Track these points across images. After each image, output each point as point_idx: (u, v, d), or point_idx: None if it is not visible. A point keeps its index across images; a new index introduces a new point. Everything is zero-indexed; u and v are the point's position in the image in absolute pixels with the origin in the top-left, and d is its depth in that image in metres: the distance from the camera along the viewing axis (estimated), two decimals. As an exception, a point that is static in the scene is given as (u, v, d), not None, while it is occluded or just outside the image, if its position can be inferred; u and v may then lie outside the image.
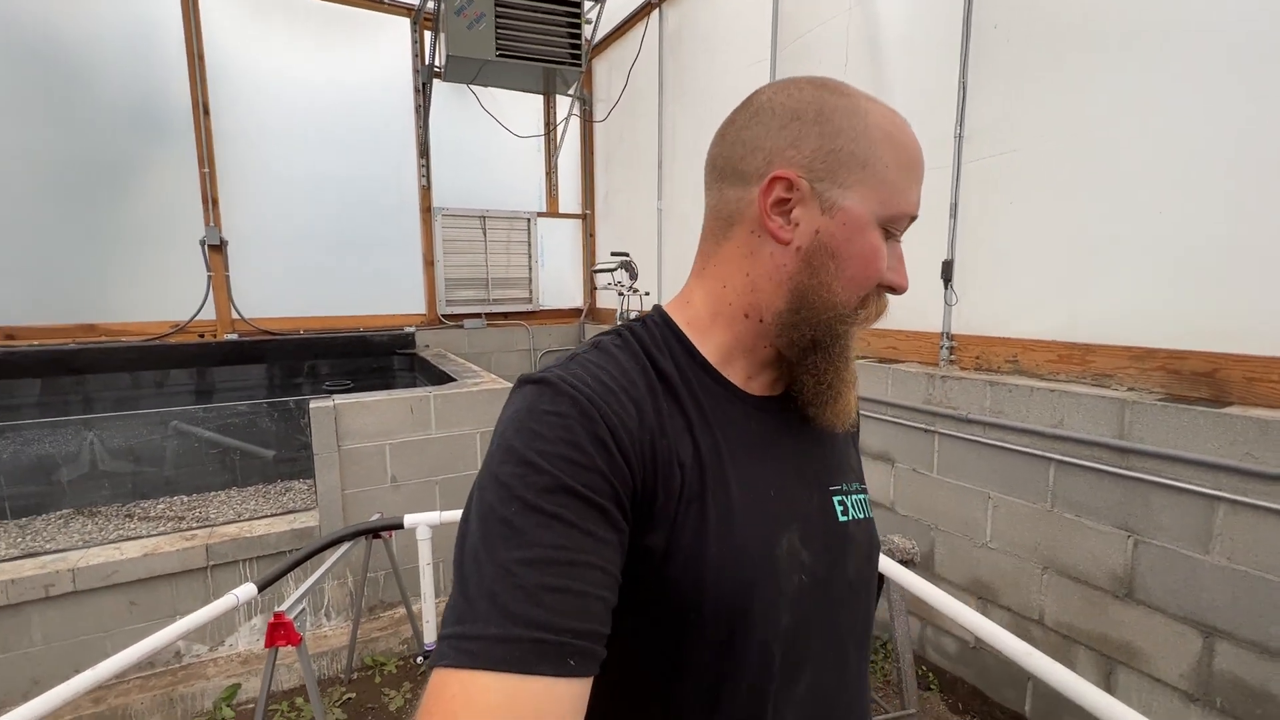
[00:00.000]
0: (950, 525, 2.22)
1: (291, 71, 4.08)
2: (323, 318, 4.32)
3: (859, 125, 0.53)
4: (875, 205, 0.54)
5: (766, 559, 0.54)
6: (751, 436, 0.58)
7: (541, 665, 0.40)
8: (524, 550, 0.43)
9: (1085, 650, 1.85)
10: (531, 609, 0.41)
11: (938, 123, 2.25)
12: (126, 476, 3.43)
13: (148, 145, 3.76)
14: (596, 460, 0.47)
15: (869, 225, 0.54)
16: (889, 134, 0.54)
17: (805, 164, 0.54)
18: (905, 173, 0.55)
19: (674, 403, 0.55)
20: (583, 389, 0.49)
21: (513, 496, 0.45)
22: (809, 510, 0.59)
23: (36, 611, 2.12)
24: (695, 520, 0.51)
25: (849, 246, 0.54)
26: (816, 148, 0.54)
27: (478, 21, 3.61)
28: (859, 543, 0.62)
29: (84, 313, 3.71)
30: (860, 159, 0.53)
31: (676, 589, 0.51)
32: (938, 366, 2.29)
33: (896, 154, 0.54)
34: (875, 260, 0.55)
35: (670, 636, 0.52)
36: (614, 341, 0.57)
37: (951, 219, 2.23)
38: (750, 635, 0.53)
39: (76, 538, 2.99)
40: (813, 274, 0.55)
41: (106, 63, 3.63)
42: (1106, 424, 1.75)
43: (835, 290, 0.55)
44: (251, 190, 4.04)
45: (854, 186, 0.53)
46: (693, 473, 0.52)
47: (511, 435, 0.48)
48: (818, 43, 2.77)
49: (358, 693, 2.36)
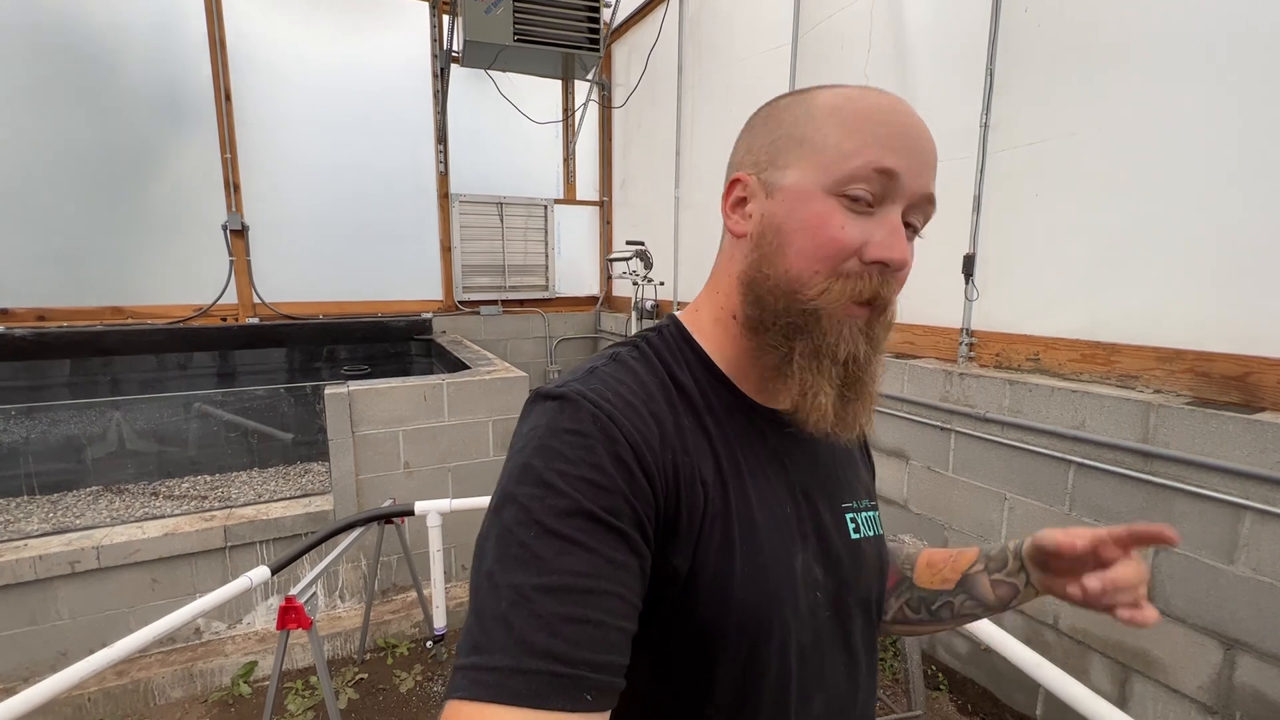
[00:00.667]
0: (965, 525, 2.18)
1: (311, 57, 4.10)
2: (341, 303, 4.38)
3: (800, 111, 0.53)
4: (817, 174, 0.51)
5: (787, 576, 0.53)
6: (767, 451, 0.57)
7: (557, 699, 0.39)
8: (542, 577, 0.42)
9: (1100, 658, 1.81)
10: (548, 639, 0.40)
11: (962, 111, 2.17)
12: (152, 456, 3.53)
13: (171, 131, 3.82)
14: (618, 482, 0.46)
15: (812, 195, 0.51)
16: (834, 107, 0.51)
17: (752, 162, 0.56)
18: (853, 133, 0.50)
19: (694, 417, 0.54)
20: (604, 406, 0.48)
21: (531, 520, 0.43)
22: (823, 528, 0.58)
23: (63, 587, 2.19)
24: (720, 538, 0.51)
25: (791, 220, 0.52)
26: (763, 144, 0.55)
27: (495, 6, 3.57)
28: (870, 560, 0.62)
29: (111, 295, 3.80)
30: (798, 138, 0.52)
31: (704, 609, 0.50)
32: (956, 363, 2.23)
33: (840, 120, 0.51)
34: (823, 226, 0.50)
35: (697, 656, 0.51)
36: (631, 353, 0.56)
37: (974, 212, 2.16)
38: (772, 652, 0.52)
39: (105, 514, 3.09)
40: (762, 254, 0.54)
41: (130, 50, 3.68)
42: (1130, 427, 1.69)
43: (786, 264, 0.52)
44: (272, 175, 4.08)
45: (792, 165, 0.52)
46: (715, 489, 0.52)
47: (530, 454, 0.47)
48: (840, 27, 2.70)
49: (370, 673, 2.41)
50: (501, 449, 2.86)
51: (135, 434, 3.52)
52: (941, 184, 2.06)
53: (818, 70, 2.84)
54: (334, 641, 2.50)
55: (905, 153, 0.50)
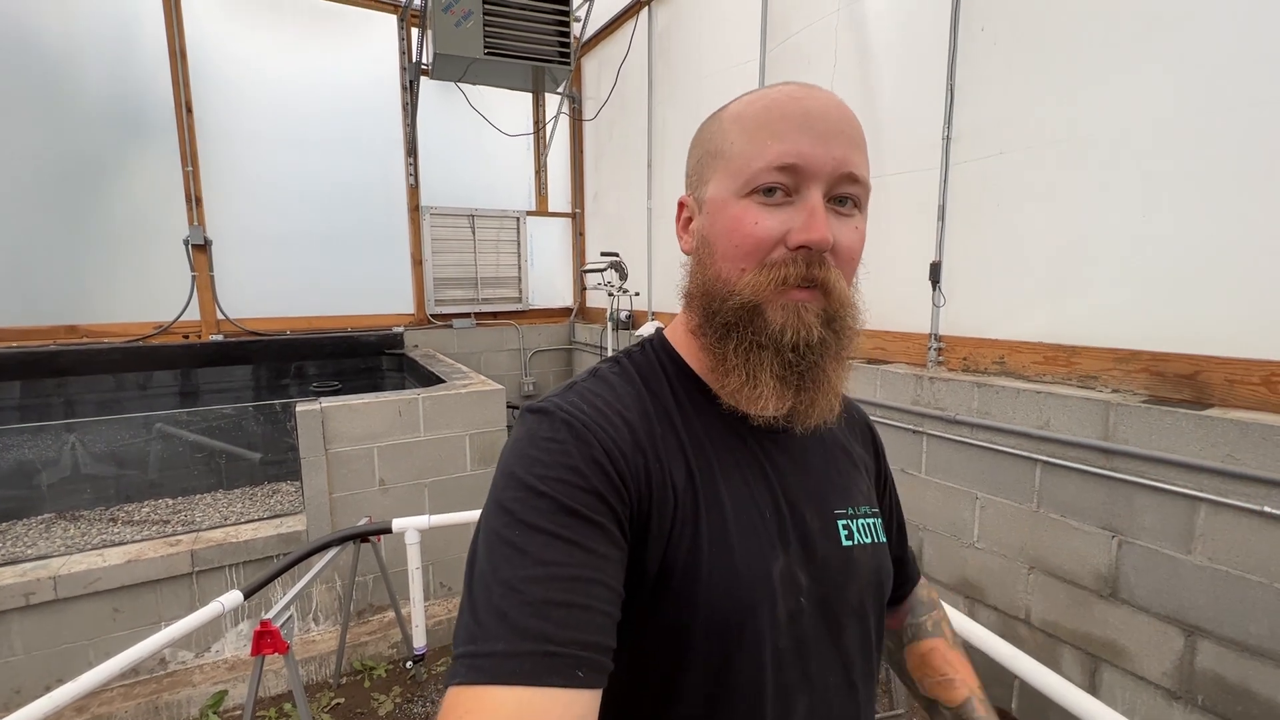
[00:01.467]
0: (939, 525, 2.23)
1: (277, 68, 4.03)
2: (310, 318, 4.28)
3: (715, 126, 0.58)
4: (729, 180, 0.55)
5: (762, 581, 0.53)
6: (745, 456, 0.58)
7: (551, 677, 0.41)
8: (529, 569, 0.44)
9: (1070, 649, 1.87)
10: (539, 623, 0.42)
11: (926, 125, 2.25)
12: (110, 480, 3.38)
13: (129, 144, 3.70)
14: (593, 481, 0.48)
15: (727, 201, 0.55)
16: (737, 115, 0.55)
17: (689, 182, 0.61)
18: (756, 132, 0.53)
19: (667, 424, 0.56)
20: (577, 415, 0.52)
21: (516, 520, 0.46)
22: (810, 533, 0.58)
23: (16, 620, 2.09)
24: (689, 541, 0.52)
25: (714, 228, 0.56)
26: (693, 165, 0.61)
27: (465, 19, 3.58)
28: (864, 567, 0.60)
29: (65, 314, 3.65)
30: (714, 152, 0.57)
31: (672, 610, 0.52)
32: (926, 368, 2.30)
33: (742, 126, 0.54)
34: (738, 226, 0.53)
35: (665, 658, 0.52)
36: (611, 369, 0.60)
37: (939, 221, 2.24)
38: (744, 657, 0.52)
39: (59, 543, 2.94)
40: (700, 265, 0.59)
41: (86, 60, 3.57)
42: (1091, 425, 1.76)
43: (715, 269, 0.56)
44: (236, 189, 3.99)
45: (711, 178, 0.57)
46: (686, 494, 0.53)
47: (513, 463, 0.50)
48: (806, 43, 2.77)
49: (346, 697, 2.34)
50: (480, 463, 2.82)
51: (91, 457, 3.37)
52: (907, 195, 2.14)
53: (785, 84, 2.91)
54: (308, 666, 2.43)
55: (806, 139, 0.51)
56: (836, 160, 0.52)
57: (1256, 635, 1.47)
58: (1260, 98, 1.48)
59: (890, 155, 2.42)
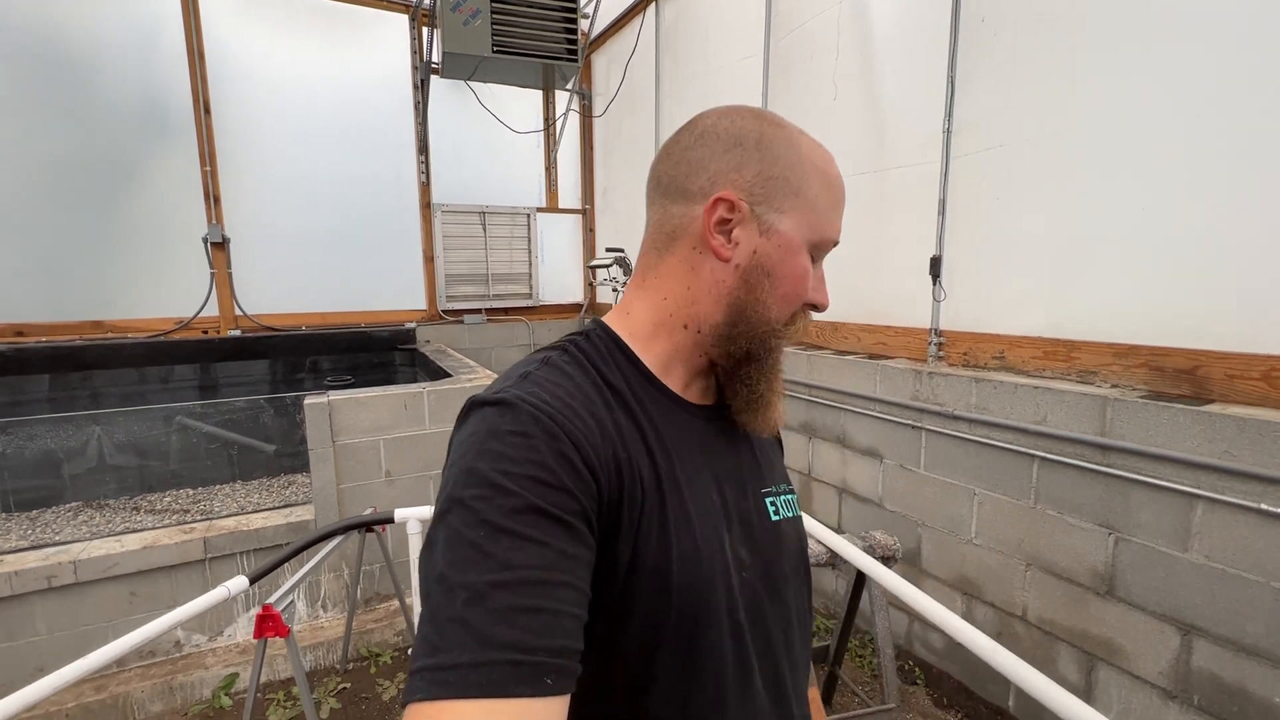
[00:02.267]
0: (937, 521, 2.22)
1: (292, 68, 4.11)
2: (324, 314, 4.38)
3: (794, 156, 0.58)
4: (806, 230, 0.59)
5: (719, 558, 0.57)
6: (694, 443, 0.61)
7: (519, 687, 0.40)
8: (495, 573, 0.42)
9: (1067, 647, 1.85)
10: (505, 631, 0.41)
11: (927, 117, 2.23)
12: (133, 471, 3.51)
13: (150, 144, 3.82)
14: (564, 479, 0.47)
15: (800, 248, 0.59)
16: (819, 167, 0.59)
17: (746, 187, 0.57)
18: (832, 202, 0.60)
19: (627, 414, 0.57)
20: (544, 407, 0.50)
21: (480, 520, 0.44)
22: (746, 512, 0.62)
23: (40, 602, 2.18)
24: (657, 528, 0.54)
25: (783, 267, 0.58)
26: (757, 173, 0.57)
27: (473, 18, 3.62)
28: (790, 539, 0.66)
29: (91, 310, 3.78)
30: (794, 187, 0.58)
31: (646, 595, 0.53)
32: (926, 363, 2.28)
33: (825, 185, 0.60)
34: (805, 280, 0.60)
35: (641, 643, 0.54)
36: (561, 357, 0.59)
37: (940, 215, 2.21)
38: (711, 632, 0.55)
39: (85, 530, 3.06)
40: (749, 290, 0.59)
41: (108, 62, 3.68)
42: (1089, 421, 1.74)
43: (769, 306, 0.59)
44: (253, 187, 4.09)
45: (789, 212, 0.58)
46: (651, 481, 0.55)
47: (473, 458, 0.48)
48: (809, 36, 2.76)
49: (353, 683, 2.41)
50: (483, 456, 2.86)
51: (116, 449, 3.49)
52: (908, 188, 2.14)
53: (789, 78, 2.90)
54: (316, 651, 2.50)
55: (840, 222, 0.62)
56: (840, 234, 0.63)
57: (1253, 635, 1.44)
58: (1263, 91, 1.45)
59: (891, 149, 2.40)
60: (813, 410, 2.76)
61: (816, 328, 2.82)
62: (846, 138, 2.59)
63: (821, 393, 2.68)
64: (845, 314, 2.68)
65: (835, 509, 2.69)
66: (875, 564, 1.61)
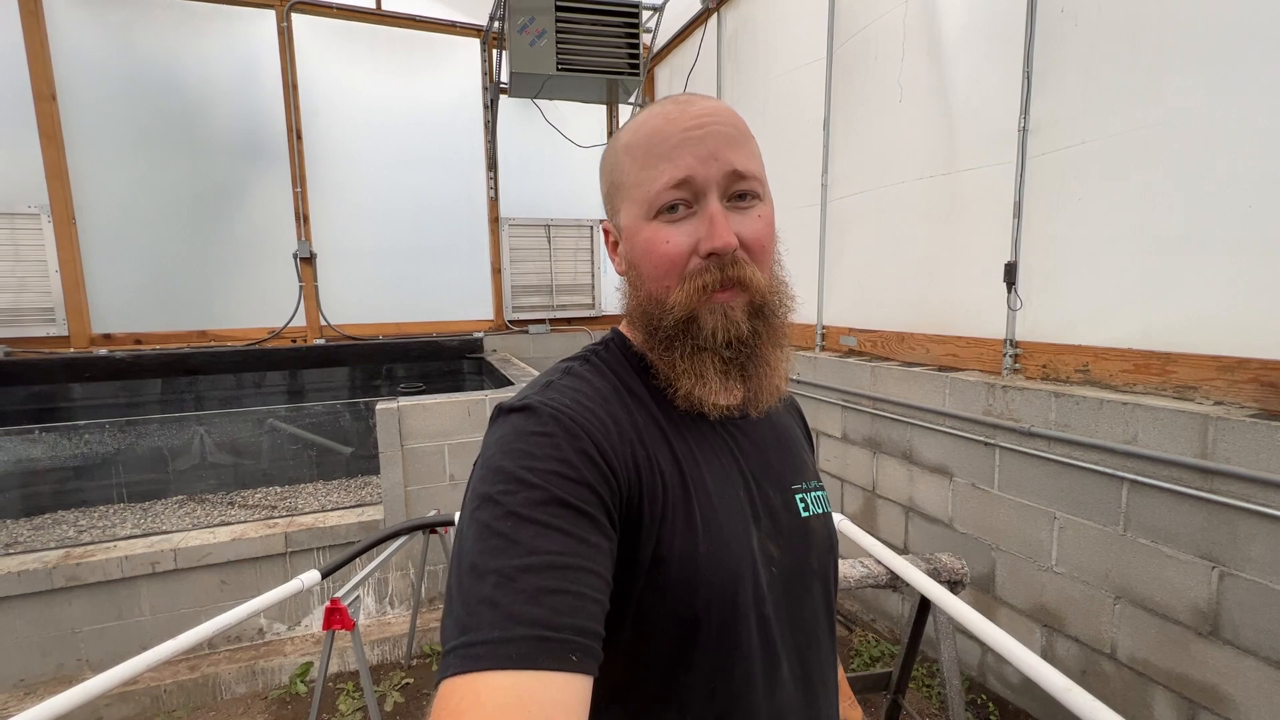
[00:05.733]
0: (1012, 546, 2.07)
1: (373, 94, 4.40)
2: (399, 323, 4.62)
3: (612, 159, 0.62)
4: (637, 205, 0.59)
5: (746, 554, 0.58)
6: (717, 442, 0.62)
7: (545, 660, 0.41)
8: (522, 558, 0.44)
9: (1164, 691, 1.67)
10: (533, 609, 0.42)
11: (1000, 117, 2.11)
12: (229, 468, 3.82)
13: (249, 169, 4.18)
14: (584, 473, 0.50)
15: (640, 226, 0.59)
16: (627, 144, 0.60)
17: (606, 210, 0.65)
18: (646, 158, 0.57)
19: (646, 414, 0.59)
20: (564, 410, 0.53)
21: (508, 512, 0.47)
22: (774, 508, 0.63)
23: (145, 585, 2.41)
24: (683, 523, 0.55)
25: (635, 252, 0.60)
26: (604, 194, 0.65)
27: (539, 38, 3.74)
28: (820, 535, 0.67)
29: (197, 320, 4.16)
30: (618, 182, 0.61)
31: (675, 590, 0.54)
32: (1000, 375, 2.15)
33: (632, 155, 0.59)
34: (653, 247, 0.58)
35: (671, 638, 0.55)
36: (583, 366, 0.62)
37: (1015, 218, 2.08)
38: (739, 626, 0.56)
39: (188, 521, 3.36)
40: (633, 287, 0.62)
41: (216, 99, 4.06)
42: (1187, 442, 1.58)
43: (648, 287, 0.60)
44: (337, 206, 4.38)
45: (622, 206, 0.61)
46: (674, 477, 0.56)
47: (499, 457, 0.50)
48: (874, 38, 2.68)
49: (416, 678, 2.50)
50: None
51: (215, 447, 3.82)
52: (979, 191, 2.03)
53: (852, 82, 2.82)
54: (383, 646, 2.61)
55: (690, 154, 0.55)
56: (721, 164, 0.56)
57: (1393, 692, 1.26)
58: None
59: (960, 151, 2.29)
60: (877, 424, 2.65)
61: (882, 338, 2.71)
62: (912, 141, 2.49)
63: (886, 406, 2.57)
64: (911, 324, 2.56)
65: (901, 528, 2.56)
66: (939, 589, 1.52)
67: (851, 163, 2.87)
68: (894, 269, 2.64)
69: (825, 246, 3.06)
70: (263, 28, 4.09)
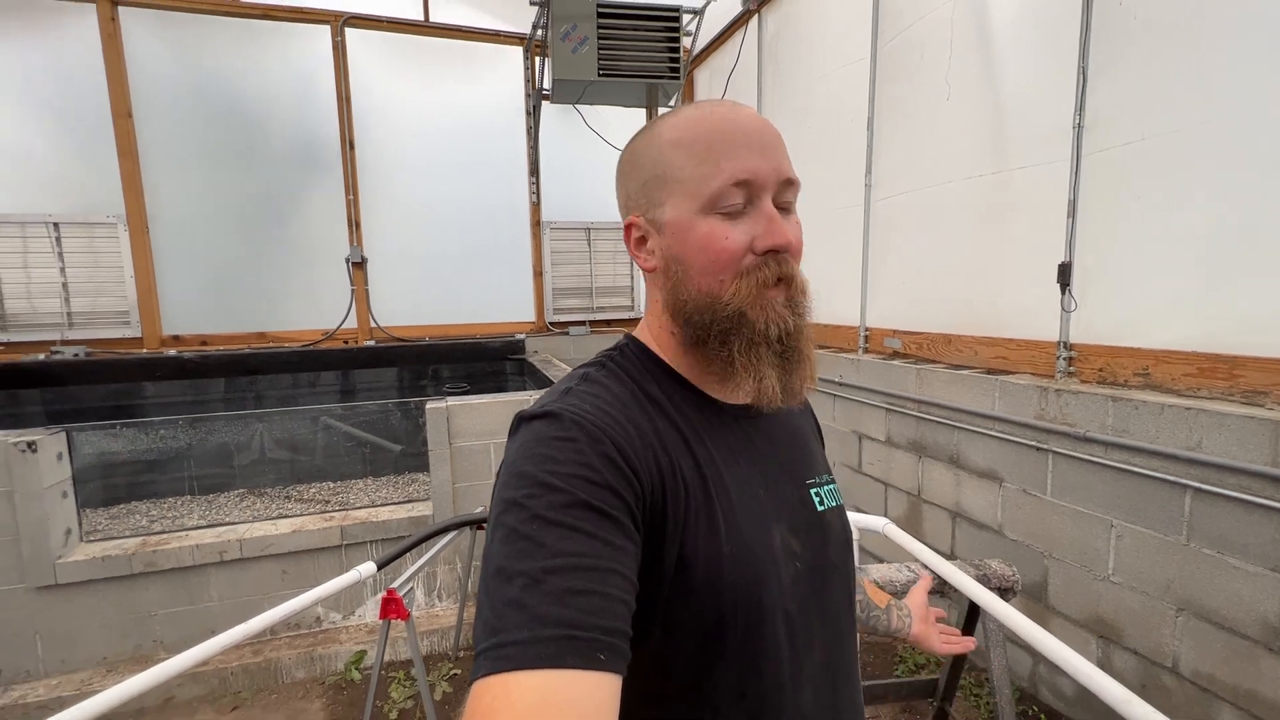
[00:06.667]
0: (1066, 554, 2.01)
1: (420, 103, 4.55)
2: (445, 325, 4.75)
3: (652, 151, 0.62)
4: (689, 200, 0.59)
5: (768, 552, 0.59)
6: (735, 442, 0.63)
7: (573, 659, 0.42)
8: (548, 560, 0.45)
9: (1230, 708, 1.60)
10: (560, 610, 0.43)
11: (1053, 113, 2.06)
12: (286, 464, 4.00)
13: (305, 178, 4.37)
14: (608, 477, 0.51)
15: (692, 219, 0.59)
16: (675, 140, 0.60)
17: (636, 205, 0.64)
18: (705, 154, 0.58)
19: (665, 419, 0.60)
20: (586, 415, 0.54)
21: (533, 516, 0.48)
22: (793, 504, 0.65)
23: (214, 573, 2.55)
24: (706, 524, 0.56)
25: (684, 246, 0.60)
26: (637, 188, 0.63)
27: (581, 45, 3.80)
28: (835, 529, 0.68)
29: (257, 322, 4.37)
30: (660, 176, 0.61)
31: (700, 593, 0.55)
32: (1053, 379, 2.09)
33: (689, 149, 0.59)
34: (711, 242, 0.58)
35: (699, 640, 0.56)
36: (599, 372, 0.62)
37: (1069, 218, 2.03)
38: (765, 624, 0.57)
39: (248, 514, 3.53)
40: (673, 282, 0.61)
41: (274, 112, 4.27)
42: (1257, 449, 1.51)
43: (695, 283, 0.60)
44: (385, 212, 4.55)
45: (666, 200, 0.60)
46: (695, 481, 0.57)
47: (523, 463, 0.51)
48: (920, 36, 2.64)
49: (463, 669, 2.58)
50: (584, 462, 2.98)
51: (274, 444, 4.01)
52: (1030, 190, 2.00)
53: (897, 80, 2.79)
54: (432, 637, 2.70)
55: (750, 155, 0.57)
56: (777, 170, 0.59)
57: None
58: None
59: (1011, 149, 2.24)
60: (922, 427, 2.61)
61: (928, 340, 2.67)
62: (960, 139, 2.45)
63: (932, 409, 2.53)
64: (958, 326, 2.52)
65: (948, 534, 2.52)
66: (990, 595, 1.50)
67: (896, 162, 2.84)
68: (940, 269, 2.60)
69: (869, 247, 3.02)
70: (318, 43, 4.27)
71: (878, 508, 2.90)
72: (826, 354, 3.23)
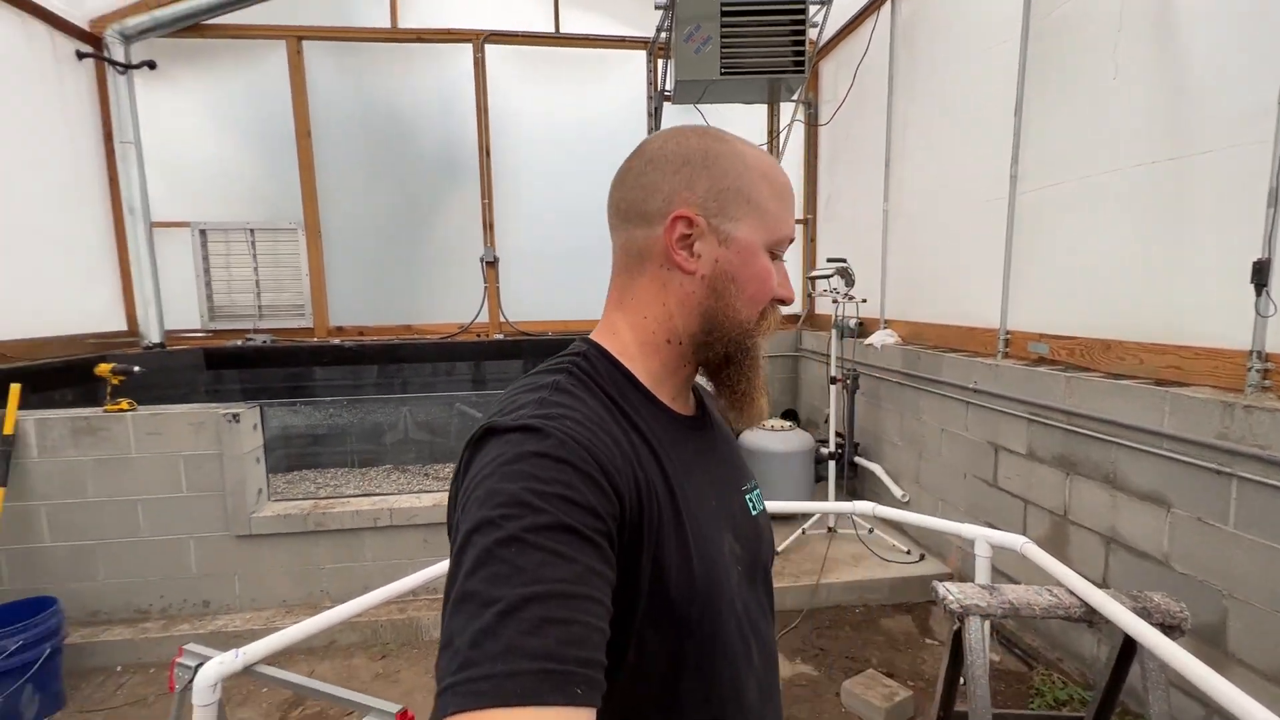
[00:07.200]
0: (1251, 594, 1.75)
1: (550, 109, 4.81)
2: (565, 321, 5.00)
3: (740, 166, 0.62)
4: (762, 232, 0.63)
5: (722, 558, 0.62)
6: (690, 453, 0.65)
7: (551, 695, 0.40)
8: (526, 587, 0.43)
9: None
10: (537, 641, 0.41)
11: (1250, 90, 1.79)
12: (426, 444, 4.43)
13: (447, 185, 4.79)
14: (589, 497, 0.49)
15: (759, 250, 0.63)
16: (766, 174, 0.63)
17: (700, 203, 0.61)
18: (781, 205, 0.64)
19: (638, 434, 0.59)
20: (568, 430, 0.51)
21: (510, 537, 0.45)
22: (735, 511, 0.68)
23: (370, 537, 2.90)
24: (676, 538, 0.57)
25: (746, 270, 0.63)
26: (708, 187, 0.61)
27: (704, 45, 3.83)
28: (766, 531, 0.74)
29: (404, 315, 4.86)
30: (745, 195, 0.62)
31: (675, 602, 0.56)
32: (1241, 393, 1.82)
33: (773, 189, 0.63)
34: (768, 279, 0.64)
35: (669, 652, 0.57)
36: (569, 381, 0.59)
37: (1270, 207, 1.75)
38: (723, 627, 0.60)
39: (394, 486, 3.96)
40: (718, 298, 0.63)
41: (421, 124, 4.72)
42: None
43: (739, 309, 0.63)
44: (515, 214, 4.87)
45: (743, 219, 0.62)
46: (665, 495, 0.58)
47: (499, 479, 0.48)
48: (1079, 15, 2.39)
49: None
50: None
51: (415, 425, 4.45)
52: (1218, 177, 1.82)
53: (1052, 60, 2.54)
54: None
55: (793, 218, 0.66)
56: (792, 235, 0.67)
57: None
58: None
59: (1194, 130, 1.97)
60: (1071, 441, 2.37)
61: (1081, 346, 2.42)
62: (1129, 122, 2.19)
63: (1084, 421, 2.29)
64: (1119, 330, 2.26)
65: (1100, 561, 2.27)
66: (1151, 630, 1.36)
67: (1048, 151, 2.59)
68: (1099, 268, 2.34)
69: (1012, 244, 2.79)
70: (461, 60, 4.66)
71: (1015, 526, 2.68)
72: (959, 358, 3.03)
